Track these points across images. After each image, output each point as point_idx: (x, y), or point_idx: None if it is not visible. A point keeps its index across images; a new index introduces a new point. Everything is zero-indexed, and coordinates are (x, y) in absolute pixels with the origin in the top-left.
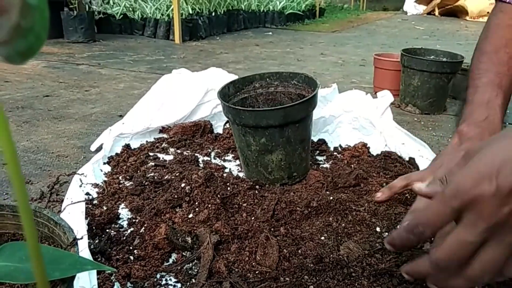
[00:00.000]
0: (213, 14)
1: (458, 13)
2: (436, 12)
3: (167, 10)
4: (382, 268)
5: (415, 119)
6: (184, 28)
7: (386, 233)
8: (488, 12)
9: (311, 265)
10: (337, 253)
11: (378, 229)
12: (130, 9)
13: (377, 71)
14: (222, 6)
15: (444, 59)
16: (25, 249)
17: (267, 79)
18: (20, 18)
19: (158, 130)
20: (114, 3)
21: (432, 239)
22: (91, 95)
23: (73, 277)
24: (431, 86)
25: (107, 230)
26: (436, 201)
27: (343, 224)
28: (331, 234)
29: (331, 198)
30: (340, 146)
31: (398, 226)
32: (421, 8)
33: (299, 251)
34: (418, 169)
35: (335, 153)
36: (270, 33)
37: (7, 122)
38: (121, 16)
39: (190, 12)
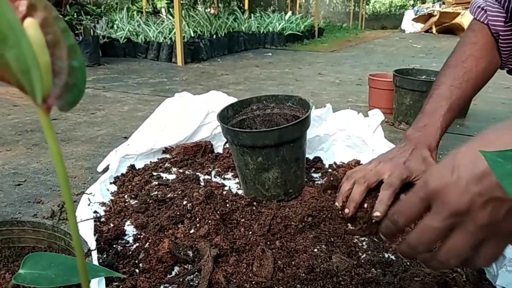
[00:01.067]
0: (214, 36)
1: (455, 30)
2: (434, 30)
3: (169, 34)
4: (369, 277)
5: None
6: (186, 51)
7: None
8: None
9: (303, 274)
10: (327, 263)
11: (365, 243)
12: (134, 33)
13: (372, 90)
14: (223, 28)
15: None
16: (46, 259)
17: (264, 102)
18: (68, 77)
19: (161, 150)
20: (118, 27)
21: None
22: (96, 118)
23: (88, 282)
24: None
25: (114, 246)
26: (409, 193)
27: (335, 237)
28: (323, 246)
29: (325, 209)
30: (335, 163)
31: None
32: (419, 26)
33: (293, 263)
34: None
35: (329, 170)
36: (270, 54)
37: (51, 128)
38: (125, 40)
39: (192, 35)
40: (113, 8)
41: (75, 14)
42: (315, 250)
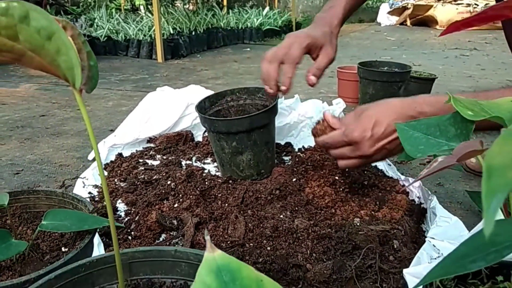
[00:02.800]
0: (193, 33)
1: (429, 22)
2: (408, 23)
3: (149, 31)
4: (323, 233)
5: None
6: (166, 48)
7: (329, 208)
8: (456, 21)
9: (269, 233)
10: (290, 225)
11: (324, 205)
12: (114, 31)
13: (340, 82)
14: (202, 24)
15: (396, 70)
16: (62, 213)
17: (237, 94)
18: (89, 72)
19: (146, 140)
20: (97, 26)
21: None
22: None
23: (96, 230)
24: (384, 94)
25: None
26: (338, 133)
27: (299, 207)
28: (288, 213)
29: (290, 184)
30: (303, 147)
31: None
32: (394, 19)
33: (261, 225)
34: None
35: (298, 153)
36: (248, 49)
37: (84, 104)
38: (105, 38)
39: (171, 32)
40: (91, 6)
41: (54, 13)
42: (281, 216)
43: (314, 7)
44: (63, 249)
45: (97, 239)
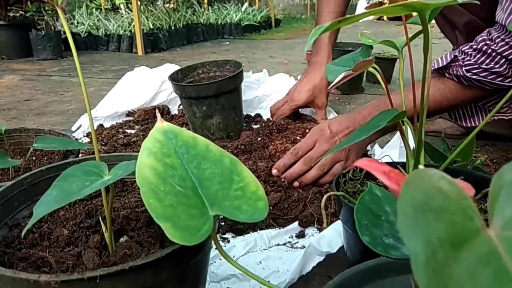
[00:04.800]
0: (173, 28)
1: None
2: (385, 17)
3: (129, 26)
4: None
5: (336, 98)
6: (146, 41)
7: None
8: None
9: None
10: (251, 166)
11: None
12: (94, 27)
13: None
14: (182, 21)
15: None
16: (50, 139)
17: (207, 66)
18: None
19: (125, 114)
20: (78, 22)
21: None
22: (65, 97)
23: (79, 151)
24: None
25: None
26: (307, 137)
27: (262, 159)
28: (250, 162)
29: (255, 143)
30: (271, 117)
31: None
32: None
33: None
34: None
35: (267, 122)
36: (227, 42)
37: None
38: (86, 34)
39: (151, 27)
40: (72, 4)
41: (35, 9)
42: (245, 163)
43: (294, 5)
44: None
45: None
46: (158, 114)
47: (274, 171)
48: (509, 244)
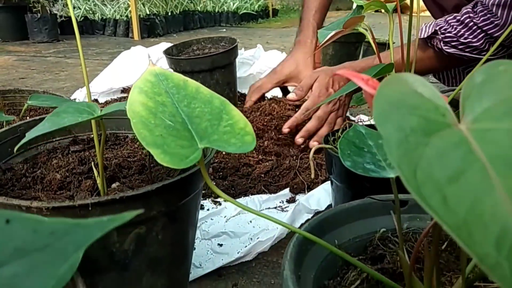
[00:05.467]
0: (170, 14)
1: (402, 8)
2: (383, 9)
3: (125, 11)
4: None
5: None
6: (143, 27)
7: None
8: None
9: None
10: None
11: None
12: (90, 12)
13: None
14: (179, 8)
15: (352, 32)
16: (43, 96)
17: (202, 43)
18: None
19: (120, 90)
20: (74, 7)
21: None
22: (61, 76)
23: None
24: (342, 54)
25: None
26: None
27: (254, 129)
28: None
29: (249, 116)
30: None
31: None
32: None
33: None
34: None
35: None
36: (224, 30)
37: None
38: (82, 18)
39: (148, 13)
40: None
41: None
42: None
43: None
44: None
45: None
46: (149, 59)
47: (285, 130)
48: (478, 134)
